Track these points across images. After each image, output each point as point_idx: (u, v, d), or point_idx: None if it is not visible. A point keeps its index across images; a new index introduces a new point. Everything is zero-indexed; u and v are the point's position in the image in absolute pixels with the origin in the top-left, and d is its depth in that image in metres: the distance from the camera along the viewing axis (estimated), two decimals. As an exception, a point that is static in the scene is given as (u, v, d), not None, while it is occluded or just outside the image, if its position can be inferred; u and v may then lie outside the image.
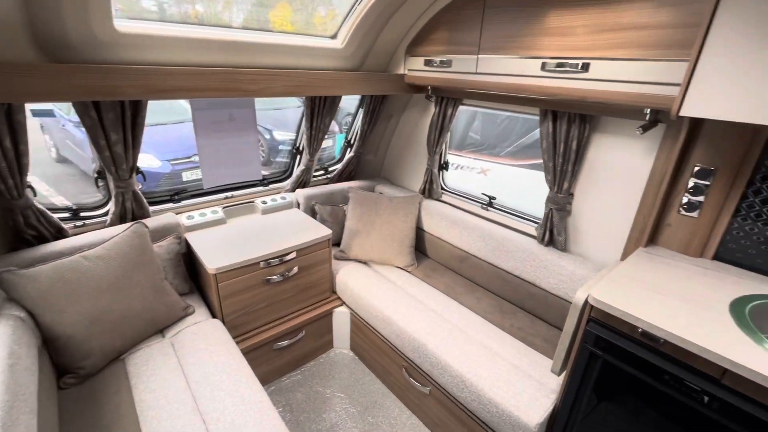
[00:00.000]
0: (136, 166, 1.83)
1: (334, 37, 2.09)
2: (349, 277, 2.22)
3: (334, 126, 3.89)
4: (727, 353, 1.00)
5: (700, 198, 1.45)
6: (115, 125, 1.64)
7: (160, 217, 1.95)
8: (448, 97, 2.29)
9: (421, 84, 2.24)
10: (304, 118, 2.32)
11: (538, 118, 1.87)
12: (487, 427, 1.56)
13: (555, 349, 1.49)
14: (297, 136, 2.55)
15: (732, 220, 1.43)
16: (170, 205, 2.14)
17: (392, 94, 2.54)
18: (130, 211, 1.87)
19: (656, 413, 1.17)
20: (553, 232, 1.92)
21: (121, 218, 1.87)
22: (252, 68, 1.83)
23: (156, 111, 3.85)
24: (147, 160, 3.63)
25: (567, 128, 1.77)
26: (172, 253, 1.87)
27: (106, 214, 1.90)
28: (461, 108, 2.38)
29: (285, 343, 2.07)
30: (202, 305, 1.89)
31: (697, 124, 1.41)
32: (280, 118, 4.49)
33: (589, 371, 1.30)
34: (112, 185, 1.80)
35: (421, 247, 2.58)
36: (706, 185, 1.43)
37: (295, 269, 2.02)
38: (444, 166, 2.60)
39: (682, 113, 1.18)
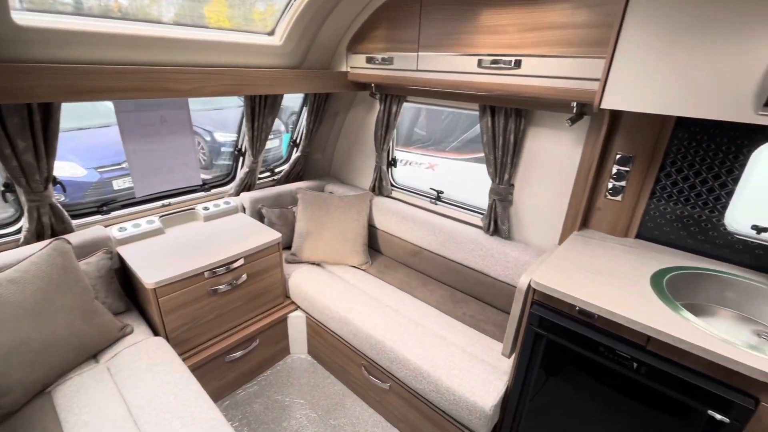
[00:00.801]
0: (53, 176, 1.64)
1: (271, 33, 2.01)
2: (302, 281, 2.17)
3: (279, 125, 3.77)
4: (649, 322, 1.10)
5: (623, 183, 1.60)
6: (21, 131, 1.46)
7: (87, 231, 1.77)
8: (392, 95, 2.30)
9: (365, 81, 2.24)
10: (244, 119, 2.22)
11: (478, 113, 1.95)
12: (447, 415, 1.61)
13: (505, 333, 1.56)
14: (238, 138, 2.43)
15: (649, 201, 1.59)
16: (98, 217, 1.95)
17: (336, 92, 2.51)
18: (49, 226, 1.68)
19: (596, 382, 1.27)
20: (497, 221, 2.01)
21: (37, 235, 1.67)
22: (184, 67, 1.72)
23: (78, 114, 3.48)
24: (69, 169, 3.28)
25: (504, 122, 1.85)
26: (103, 269, 1.70)
27: (18, 231, 1.69)
28: (406, 105, 2.41)
29: (238, 354, 1.98)
30: (142, 323, 1.75)
31: (616, 115, 1.55)
32: (220, 119, 4.27)
33: (536, 351, 1.39)
34: (23, 198, 1.60)
35: (374, 244, 2.59)
36: (627, 171, 1.58)
37: (244, 277, 1.94)
38: (392, 163, 2.63)
39: (602, 106, 1.28)
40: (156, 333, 1.73)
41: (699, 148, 1.44)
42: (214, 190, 2.41)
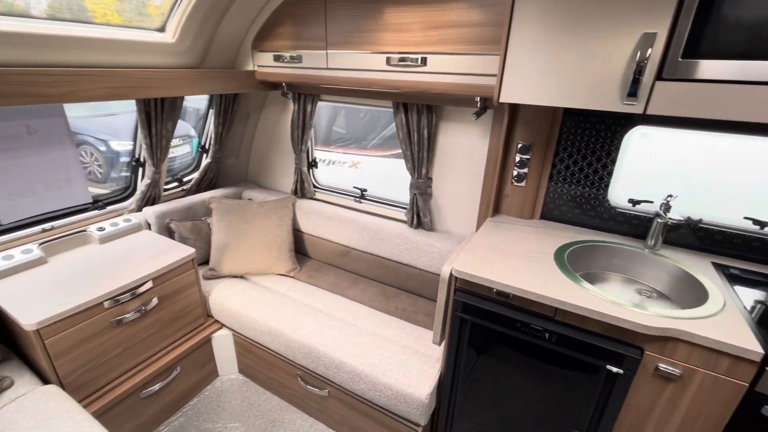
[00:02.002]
0: None
1: (162, 30, 1.82)
2: (224, 297, 2.02)
3: (189, 130, 3.45)
4: (555, 295, 1.22)
5: (525, 170, 1.74)
6: None
7: (-65, 271, 1.44)
8: (305, 94, 2.24)
9: (274, 81, 2.14)
10: (139, 125, 1.99)
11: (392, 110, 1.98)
12: (387, 411, 1.62)
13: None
14: (135, 146, 2.17)
15: (548, 185, 1.76)
16: (-49, 252, 1.60)
17: (245, 93, 2.37)
18: None
19: (517, 355, 1.37)
20: (419, 215, 2.07)
21: None
22: (60, 67, 1.47)
23: None
24: None
25: (417, 118, 1.91)
26: (-36, 315, 1.40)
27: None
28: (321, 104, 2.36)
29: (156, 387, 1.78)
30: (26, 372, 1.48)
31: (515, 108, 1.68)
32: (117, 125, 3.78)
33: (463, 335, 1.46)
34: None
35: (301, 248, 2.50)
36: (528, 159, 1.72)
37: (155, 300, 1.74)
38: (313, 164, 2.56)
39: (501, 100, 1.38)
40: (46, 381, 1.48)
41: (583, 134, 1.62)
42: (110, 207, 2.13)
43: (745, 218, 1.47)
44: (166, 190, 2.37)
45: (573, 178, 1.70)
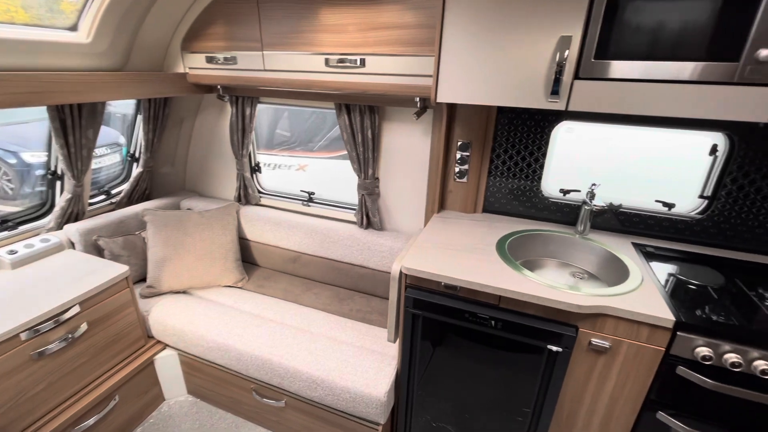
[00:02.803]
0: None
1: (74, 29, 1.65)
2: (166, 315, 1.88)
3: (119, 137, 3.17)
4: (498, 284, 1.28)
5: (466, 167, 1.82)
6: None
7: None
8: (243, 96, 2.15)
9: (209, 83, 2.04)
10: (53, 134, 1.79)
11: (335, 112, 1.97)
12: (346, 414, 1.61)
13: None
14: (49, 157, 1.96)
15: (488, 179, 1.85)
16: None
17: (176, 96, 2.23)
18: None
19: (468, 343, 1.43)
20: (369, 215, 2.08)
21: None
22: None
23: None
24: None
25: (361, 119, 1.91)
26: None
27: None
28: (262, 106, 2.29)
29: (92, 421, 1.62)
30: (-76, 424, 1.28)
31: (453, 107, 1.74)
32: (25, 133, 3.38)
33: (416, 330, 1.49)
34: None
35: (249, 257, 2.41)
36: (467, 156, 1.80)
37: (84, 326, 1.58)
38: (257, 169, 2.47)
39: (438, 100, 1.42)
40: (-49, 431, 1.29)
41: (516, 131, 1.72)
42: (24, 227, 1.90)
43: (656, 201, 1.64)
44: (91, 204, 2.16)
45: (509, 172, 1.80)
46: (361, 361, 1.60)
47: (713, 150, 1.53)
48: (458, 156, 1.81)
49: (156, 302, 1.96)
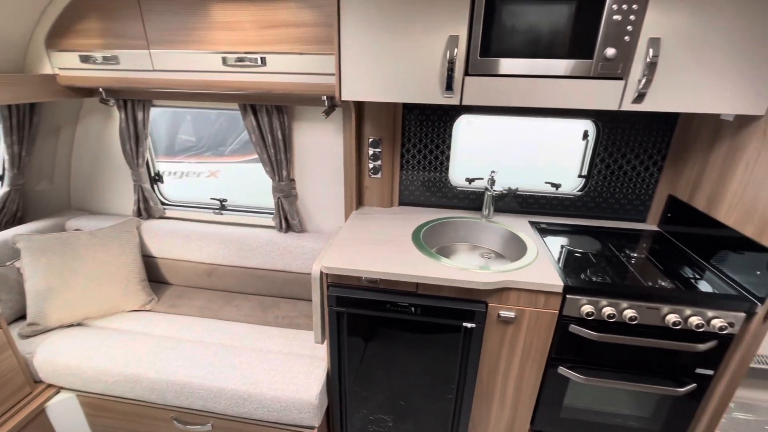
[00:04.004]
0: None
1: None
2: (56, 353, 1.64)
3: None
4: (415, 272, 1.35)
5: (379, 162, 1.86)
6: None
7: None
8: (132, 99, 1.94)
9: (86, 85, 1.80)
10: None
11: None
12: (279, 424, 1.56)
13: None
14: None
15: (401, 173, 1.92)
16: None
17: (46, 102, 1.93)
18: None
19: (393, 332, 1.47)
20: (287, 218, 2.03)
21: None
22: None
23: None
24: None
25: (269, 120, 1.85)
26: None
27: None
28: (157, 110, 2.09)
29: (-37, 494, 1.35)
30: None
31: (361, 104, 1.77)
32: None
33: (342, 328, 1.49)
34: None
35: (157, 276, 2.19)
36: (379, 152, 1.84)
37: (-60, 384, 1.31)
38: (157, 178, 2.26)
39: (343, 98, 1.43)
40: None
41: (422, 125, 1.81)
42: None
43: (546, 182, 1.86)
44: (-61, 235, 1.78)
45: (420, 166, 1.89)
46: (289, 368, 1.56)
47: (585, 135, 1.78)
48: (371, 152, 1.85)
49: (42, 341, 1.69)
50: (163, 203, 2.26)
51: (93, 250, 1.87)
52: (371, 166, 1.87)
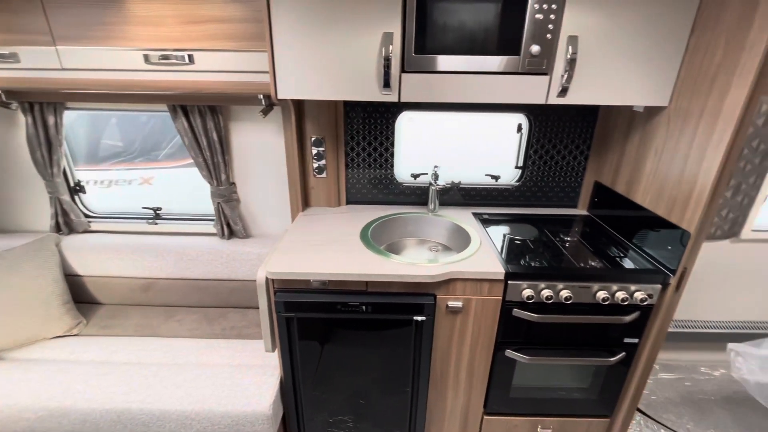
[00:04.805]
0: None
1: None
2: (-39, 394, 1.43)
3: None
4: (363, 270, 1.34)
5: (323, 162, 1.83)
6: None
7: None
8: (41, 102, 1.74)
9: (-19, 87, 1.58)
10: None
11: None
12: (232, 441, 1.49)
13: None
14: None
15: (347, 172, 1.90)
16: None
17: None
18: None
19: (346, 332, 1.46)
20: (229, 224, 1.94)
21: None
22: None
23: None
24: None
25: (202, 121, 1.75)
26: None
27: None
28: (73, 113, 1.89)
29: None
30: None
31: (300, 103, 1.72)
32: None
33: (292, 333, 1.45)
34: None
35: (84, 296, 1.99)
36: (323, 151, 1.81)
37: None
38: (78, 189, 2.05)
39: (279, 97, 1.39)
40: None
41: (364, 123, 1.81)
42: None
43: (486, 175, 1.93)
44: None
45: (365, 163, 1.88)
46: (239, 381, 1.50)
47: (519, 128, 1.87)
48: (314, 152, 1.81)
49: (-58, 382, 1.47)
50: (87, 216, 2.05)
51: (3, 275, 1.65)
52: (315, 165, 1.83)
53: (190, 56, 1.48)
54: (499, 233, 1.67)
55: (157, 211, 2.06)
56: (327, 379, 1.56)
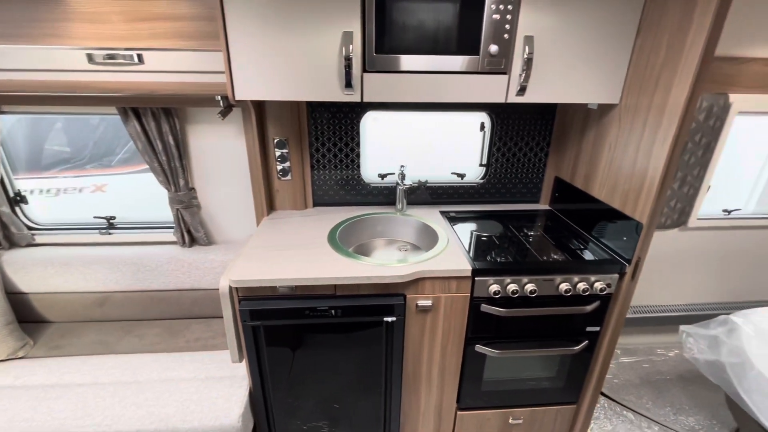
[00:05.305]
0: None
1: None
2: None
3: None
4: (332, 275, 1.32)
5: (287, 164, 1.79)
6: None
7: None
8: (-30, 106, 1.59)
9: None
10: None
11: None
12: (199, 458, 1.43)
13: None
14: None
15: (312, 174, 1.86)
16: None
17: None
18: None
19: (315, 337, 1.43)
20: (190, 231, 1.85)
21: None
22: None
23: None
24: None
25: (156, 124, 1.66)
26: None
27: None
28: (9, 117, 1.74)
29: None
30: None
31: (261, 104, 1.67)
32: None
33: (260, 342, 1.41)
34: None
35: (30, 315, 1.85)
36: (287, 153, 1.77)
37: None
38: (19, 199, 1.89)
39: (237, 98, 1.34)
40: None
41: (328, 124, 1.78)
42: None
43: (452, 173, 1.96)
44: None
45: (331, 164, 1.85)
46: (206, 394, 1.44)
47: (482, 127, 1.90)
48: (277, 154, 1.76)
49: None
50: (30, 228, 1.90)
51: (-69, 296, 1.50)
52: (279, 167, 1.79)
53: (139, 56, 1.40)
54: (465, 230, 1.69)
55: (111, 221, 1.93)
56: (299, 386, 1.52)
